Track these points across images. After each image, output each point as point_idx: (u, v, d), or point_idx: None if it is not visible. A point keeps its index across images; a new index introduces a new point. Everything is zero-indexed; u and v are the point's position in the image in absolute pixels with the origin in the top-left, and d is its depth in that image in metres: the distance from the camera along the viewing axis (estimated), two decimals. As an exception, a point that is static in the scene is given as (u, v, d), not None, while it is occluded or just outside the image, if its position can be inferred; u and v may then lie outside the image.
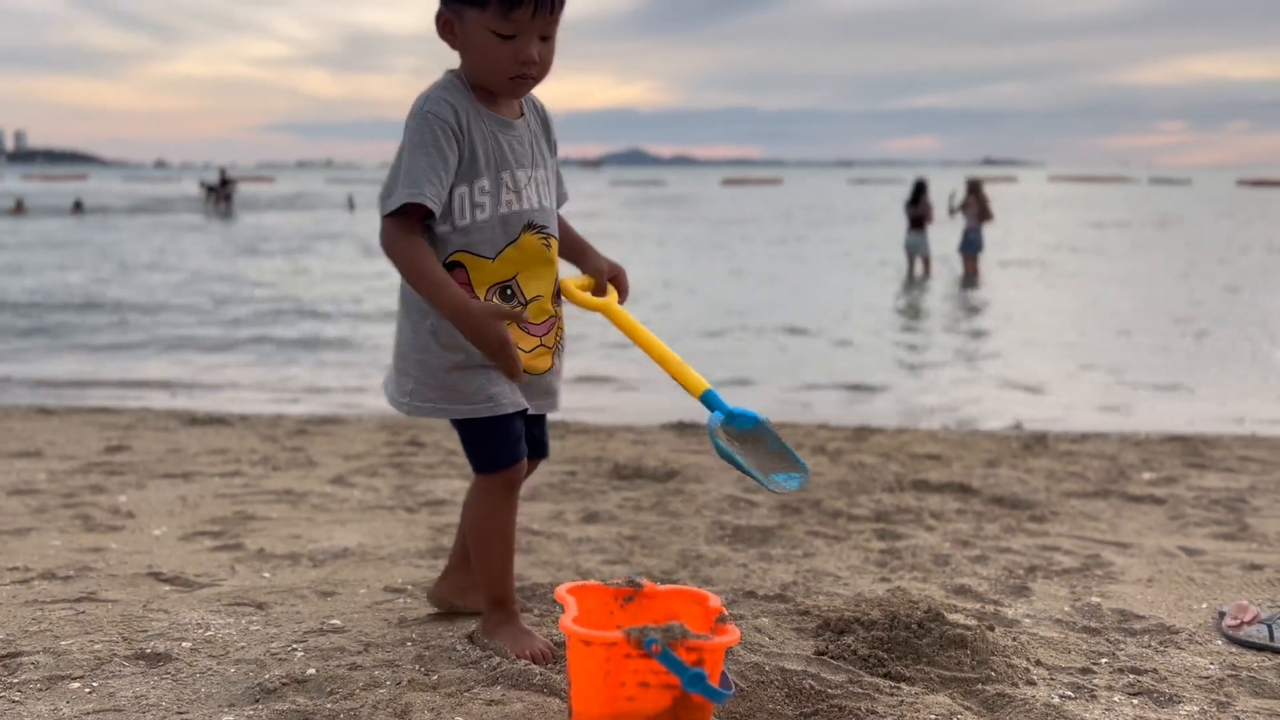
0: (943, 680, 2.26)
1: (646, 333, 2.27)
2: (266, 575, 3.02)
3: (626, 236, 25.45)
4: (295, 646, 2.40)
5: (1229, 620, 2.68)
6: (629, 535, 3.51)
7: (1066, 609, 2.84)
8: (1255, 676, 2.38)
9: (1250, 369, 8.86)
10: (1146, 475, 4.63)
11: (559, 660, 2.28)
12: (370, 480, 4.38)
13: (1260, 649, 2.56)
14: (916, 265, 15.92)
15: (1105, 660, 2.47)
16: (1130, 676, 2.36)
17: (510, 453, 2.30)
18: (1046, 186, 78.87)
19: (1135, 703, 2.23)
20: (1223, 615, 2.74)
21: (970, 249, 15.59)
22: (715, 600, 2.11)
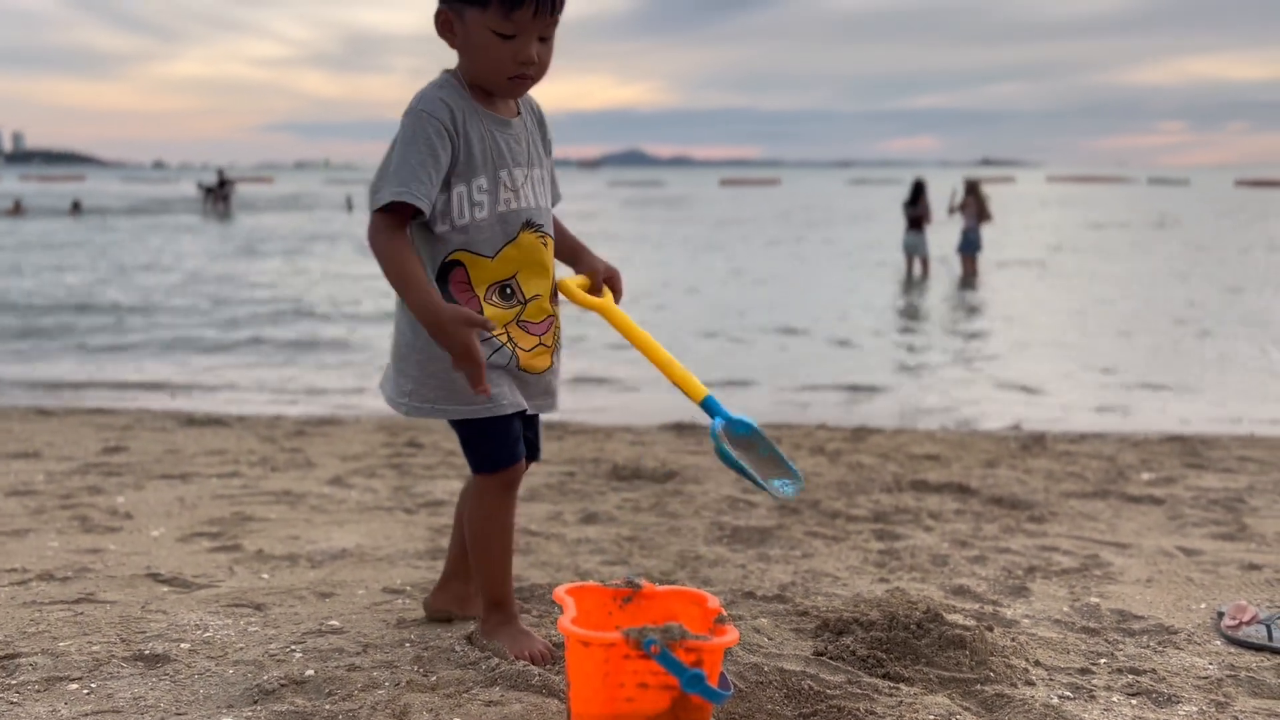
0: (941, 681, 2.26)
1: (645, 336, 2.27)
2: (265, 576, 3.02)
3: (625, 237, 25.45)
4: (294, 647, 2.40)
5: (1227, 620, 2.68)
6: (628, 536, 3.51)
7: (1065, 609, 2.84)
8: (1254, 677, 2.39)
9: (1248, 369, 8.86)
10: (1145, 475, 4.64)
11: (558, 661, 2.28)
12: (369, 481, 4.38)
13: (1259, 649, 2.56)
14: (915, 266, 15.92)
15: (1104, 660, 2.47)
16: (1129, 677, 2.36)
17: (510, 453, 2.30)
18: (1045, 187, 78.92)
19: (1134, 703, 2.23)
20: (1221, 615, 2.74)
21: (969, 249, 15.60)
22: (714, 601, 2.11)
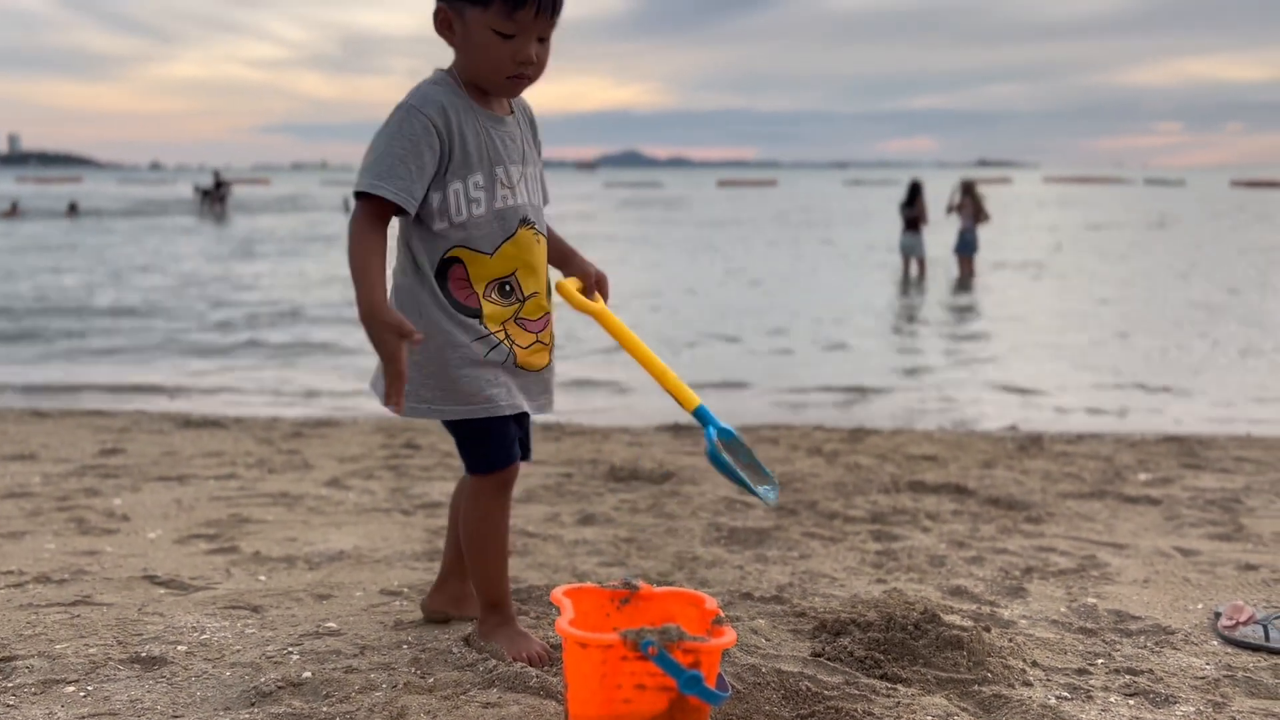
0: (939, 681, 2.26)
1: (639, 342, 2.28)
2: (262, 578, 3.01)
3: (622, 238, 25.46)
4: (291, 649, 2.40)
5: (1224, 621, 2.69)
6: (625, 537, 3.50)
7: (1062, 610, 2.84)
8: (1251, 677, 2.39)
9: (1245, 370, 8.87)
10: (1142, 476, 4.64)
11: (555, 663, 2.28)
12: (366, 483, 4.38)
13: (1256, 649, 2.56)
14: (912, 266, 15.93)
15: (1101, 661, 2.47)
16: (1126, 677, 2.36)
17: (505, 454, 2.30)
18: (1041, 187, 78.98)
19: (1131, 703, 2.24)
20: (1218, 616, 2.74)
21: (966, 250, 15.60)
22: (711, 602, 2.11)
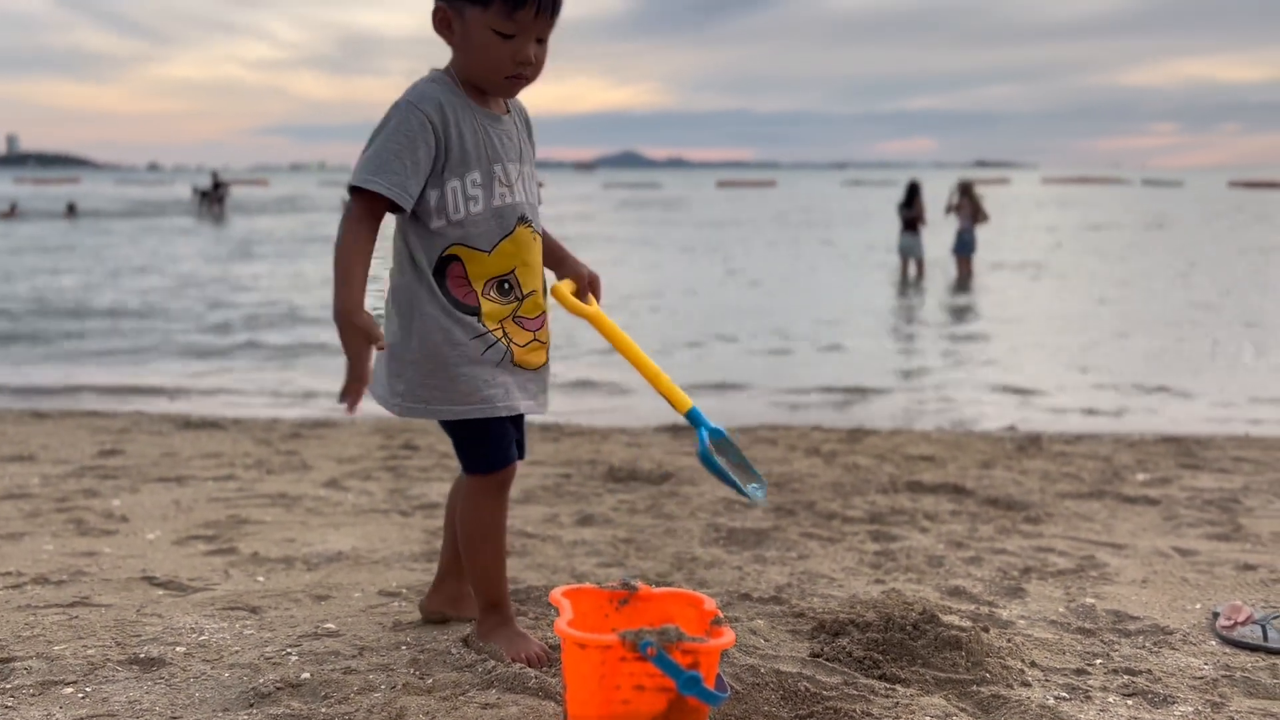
0: (938, 682, 2.26)
1: (634, 346, 2.31)
2: (260, 579, 3.01)
3: (621, 239, 25.46)
4: (289, 650, 2.40)
5: (1223, 621, 2.69)
6: (624, 538, 3.50)
7: (1061, 610, 2.85)
8: (1249, 677, 2.39)
9: (1243, 370, 8.88)
10: (1140, 476, 4.64)
11: (554, 663, 2.28)
12: (364, 484, 4.38)
13: (1254, 649, 2.57)
14: (910, 267, 15.93)
15: (1100, 661, 2.47)
16: (1125, 677, 2.37)
17: (503, 454, 2.30)
18: (1039, 188, 79.02)
19: (1130, 704, 2.24)
20: (1216, 616, 2.74)
21: (964, 250, 15.61)
22: (710, 603, 2.12)
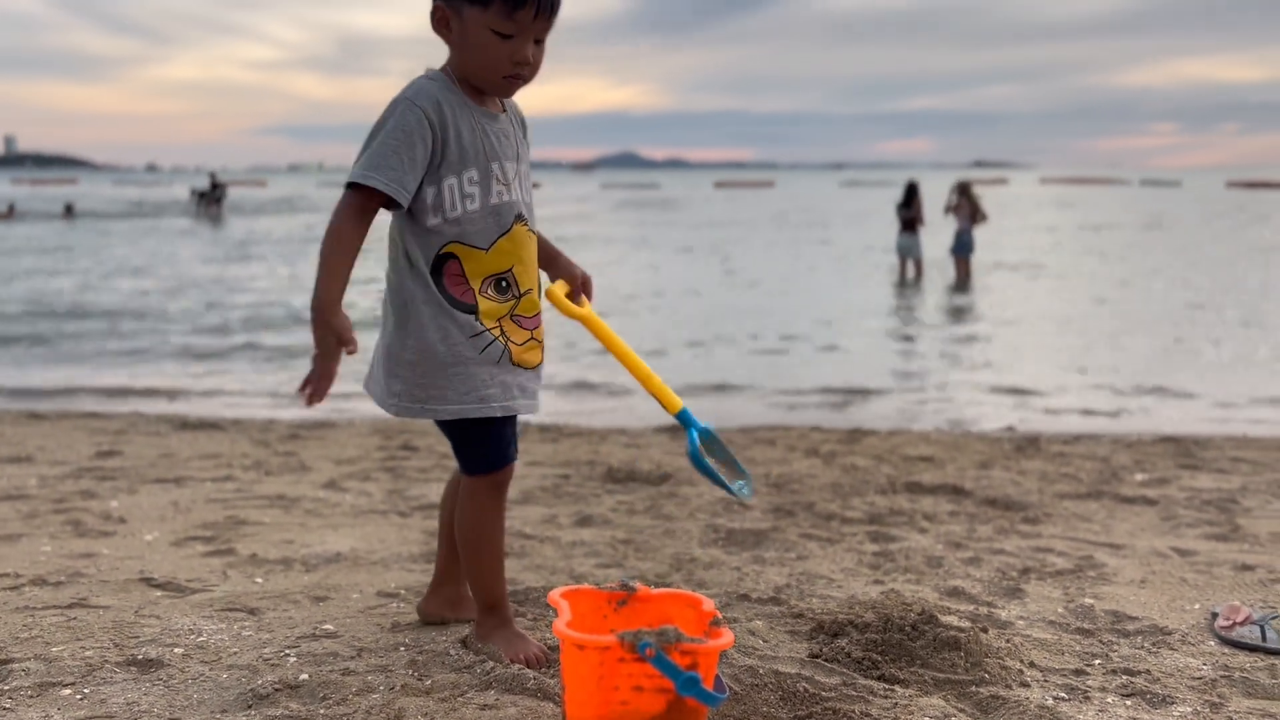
0: (936, 682, 2.26)
1: (625, 347, 2.32)
2: (259, 580, 3.01)
3: (620, 239, 25.46)
4: (288, 652, 2.39)
5: (1221, 621, 2.69)
6: (622, 539, 3.50)
7: (1060, 610, 2.85)
8: (1248, 677, 2.39)
9: (1242, 370, 8.88)
10: (1139, 476, 4.65)
11: (553, 664, 2.28)
12: (363, 485, 4.37)
13: (1252, 650, 2.57)
14: (909, 267, 15.94)
15: (1098, 662, 2.47)
16: (1123, 678, 2.37)
17: (503, 454, 2.30)
18: (1038, 188, 79.05)
19: (1128, 704, 2.24)
20: (1215, 616, 2.75)
21: (962, 251, 15.60)
22: (709, 604, 2.11)
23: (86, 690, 2.18)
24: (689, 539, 3.51)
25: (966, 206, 15.44)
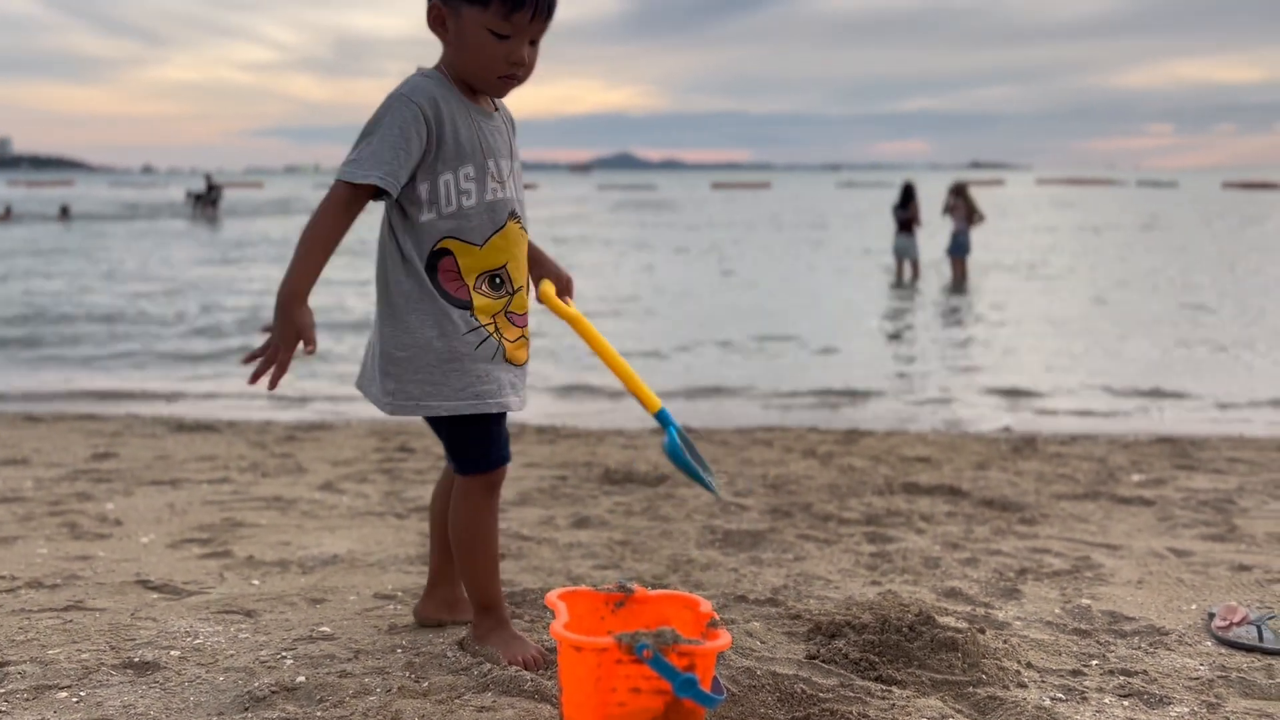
0: (934, 683, 2.26)
1: (609, 347, 2.35)
2: (255, 582, 3.01)
3: (616, 241, 25.46)
4: (285, 654, 2.39)
5: (1218, 621, 2.69)
6: (620, 540, 3.50)
7: (1057, 611, 2.85)
8: (1245, 677, 2.39)
9: (1238, 370, 8.90)
10: (1135, 477, 4.65)
11: (550, 666, 2.28)
12: (360, 486, 4.37)
13: (1249, 650, 2.57)
14: (905, 268, 15.95)
15: (1096, 662, 2.47)
16: (1120, 678, 2.37)
17: (499, 453, 2.30)
18: (1034, 189, 79.12)
19: (1126, 704, 2.24)
20: (1212, 616, 2.75)
21: (958, 251, 15.61)
22: (706, 605, 2.11)
23: (83, 693, 2.18)
24: (686, 540, 3.51)
25: (963, 207, 15.45)
